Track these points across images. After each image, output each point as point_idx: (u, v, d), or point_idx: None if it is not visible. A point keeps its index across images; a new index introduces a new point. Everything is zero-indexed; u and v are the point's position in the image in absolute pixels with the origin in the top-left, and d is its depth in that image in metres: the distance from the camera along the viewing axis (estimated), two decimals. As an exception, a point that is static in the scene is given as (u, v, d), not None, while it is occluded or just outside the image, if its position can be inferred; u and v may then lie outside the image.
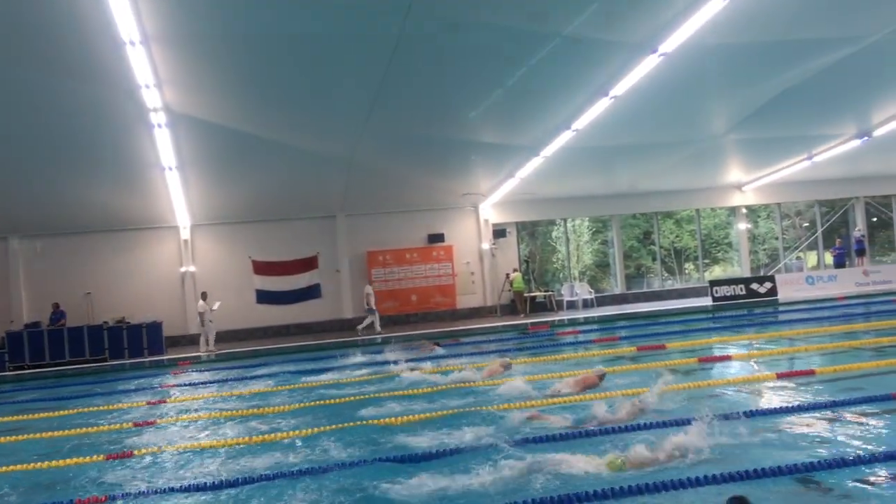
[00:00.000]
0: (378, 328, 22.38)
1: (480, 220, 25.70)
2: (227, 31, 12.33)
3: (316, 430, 8.28)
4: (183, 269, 23.89)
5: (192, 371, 16.34)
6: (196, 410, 10.79)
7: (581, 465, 6.01)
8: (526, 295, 25.09)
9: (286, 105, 16.08)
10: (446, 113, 16.73)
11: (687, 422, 6.64)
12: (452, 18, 11.83)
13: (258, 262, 23.60)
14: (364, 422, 8.56)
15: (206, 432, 9.05)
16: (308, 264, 23.91)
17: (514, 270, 25.33)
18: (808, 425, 7.16)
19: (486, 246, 25.57)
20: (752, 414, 7.48)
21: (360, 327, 22.40)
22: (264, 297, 23.48)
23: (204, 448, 7.97)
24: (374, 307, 22.64)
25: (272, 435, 8.31)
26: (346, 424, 8.44)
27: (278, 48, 13.14)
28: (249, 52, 13.23)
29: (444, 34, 12.45)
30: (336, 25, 12.22)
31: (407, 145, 19.10)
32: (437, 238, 25.09)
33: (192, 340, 23.27)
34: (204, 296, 21.46)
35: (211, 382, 13.99)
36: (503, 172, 21.95)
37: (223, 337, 22.83)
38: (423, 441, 7.39)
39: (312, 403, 10.26)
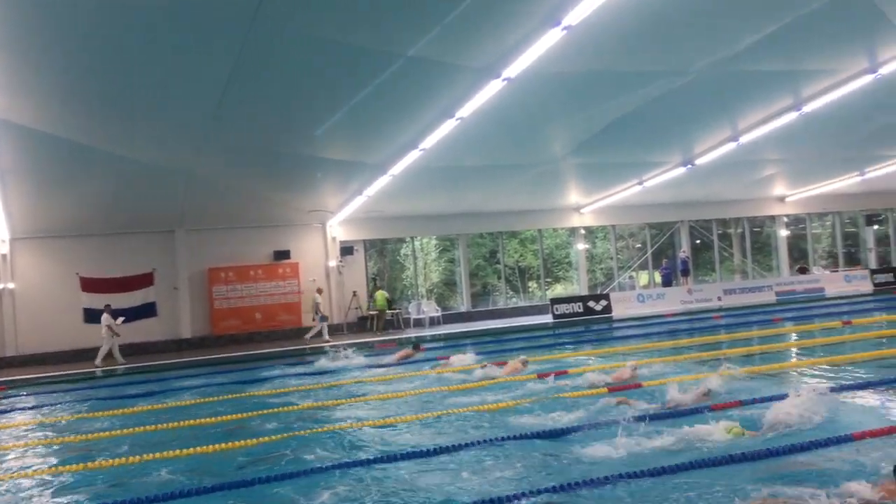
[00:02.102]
0: (326, 336, 22.62)
1: (328, 237, 25.41)
2: (55, 34, 11.46)
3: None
4: (0, 286, 21.95)
5: (7, 396, 14.98)
6: (8, 440, 9.88)
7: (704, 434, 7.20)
8: (373, 313, 25.06)
9: (119, 113, 15.18)
10: (292, 128, 16.40)
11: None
12: (297, 32, 11.63)
13: (87, 279, 22.11)
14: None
15: (18, 461, 8.31)
16: (143, 281, 22.68)
17: (378, 288, 25.44)
18: (636, 435, 7.54)
19: (333, 263, 25.29)
20: (588, 427, 7.89)
21: (308, 336, 22.65)
22: (93, 315, 21.98)
23: (14, 479, 7.31)
24: (324, 314, 22.93)
25: (93, 463, 7.79)
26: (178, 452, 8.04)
27: (111, 54, 12.37)
28: (79, 56, 12.36)
29: (288, 48, 12.21)
30: (174, 33, 11.69)
31: (251, 159, 18.54)
32: (282, 255, 24.54)
33: (9, 363, 21.40)
34: (108, 308, 20.56)
35: (29, 408, 12.88)
36: (351, 189, 21.82)
37: (44, 359, 21.21)
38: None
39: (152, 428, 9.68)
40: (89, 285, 22.16)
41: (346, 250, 25.49)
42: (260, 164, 19.12)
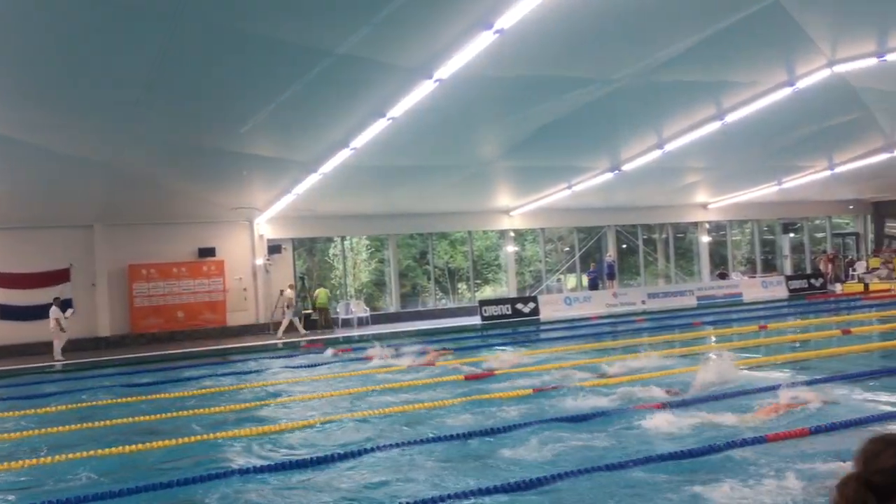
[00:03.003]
0: (280, 334, 22.58)
1: (255, 235, 24.91)
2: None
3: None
4: None
5: None
6: None
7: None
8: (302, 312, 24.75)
9: (37, 103, 14.53)
10: (218, 123, 16.01)
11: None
12: (225, 26, 11.34)
13: (0, 274, 21.15)
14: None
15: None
16: (59, 277, 21.83)
17: (319, 286, 25.13)
18: (557, 438, 7.64)
19: (260, 261, 24.82)
20: (508, 428, 7.96)
21: (293, 332, 22.85)
22: (6, 312, 21.08)
23: None
24: (294, 309, 23.06)
25: (8, 465, 7.45)
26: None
27: (30, 41, 11.81)
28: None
29: (215, 42, 11.90)
30: (97, 22, 11.24)
31: (176, 154, 18.03)
32: (207, 252, 23.94)
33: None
34: (56, 301, 19.86)
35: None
36: (279, 187, 21.45)
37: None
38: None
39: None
40: (2, 281, 21.22)
41: (274, 249, 25.06)
42: (184, 159, 18.62)
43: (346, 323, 25.62)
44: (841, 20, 14.67)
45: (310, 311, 25.18)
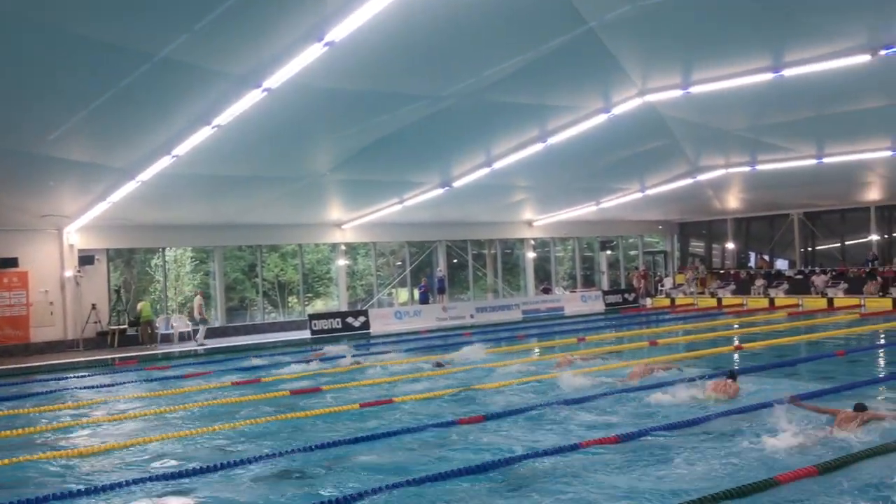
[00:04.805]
0: (201, 339, 22.92)
1: (64, 245, 23.06)
2: None
3: None
4: None
5: None
6: None
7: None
8: (114, 328, 23.19)
9: None
10: (22, 123, 14.64)
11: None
12: (28, 22, 10.40)
13: None
14: None
15: None
16: None
17: (140, 300, 23.66)
18: (390, 449, 7.64)
19: (69, 273, 23.00)
20: (333, 443, 7.88)
21: (197, 338, 23.16)
22: None
23: None
24: (204, 317, 23.37)
25: None
26: None
27: None
28: None
29: (22, 35, 10.88)
30: None
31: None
32: (9, 263, 21.83)
33: None
34: None
35: None
36: (93, 194, 19.94)
37: None
38: None
39: None
40: None
41: (86, 259, 23.31)
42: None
43: (166, 338, 24.31)
44: (650, 53, 15.80)
45: (125, 326, 23.61)
